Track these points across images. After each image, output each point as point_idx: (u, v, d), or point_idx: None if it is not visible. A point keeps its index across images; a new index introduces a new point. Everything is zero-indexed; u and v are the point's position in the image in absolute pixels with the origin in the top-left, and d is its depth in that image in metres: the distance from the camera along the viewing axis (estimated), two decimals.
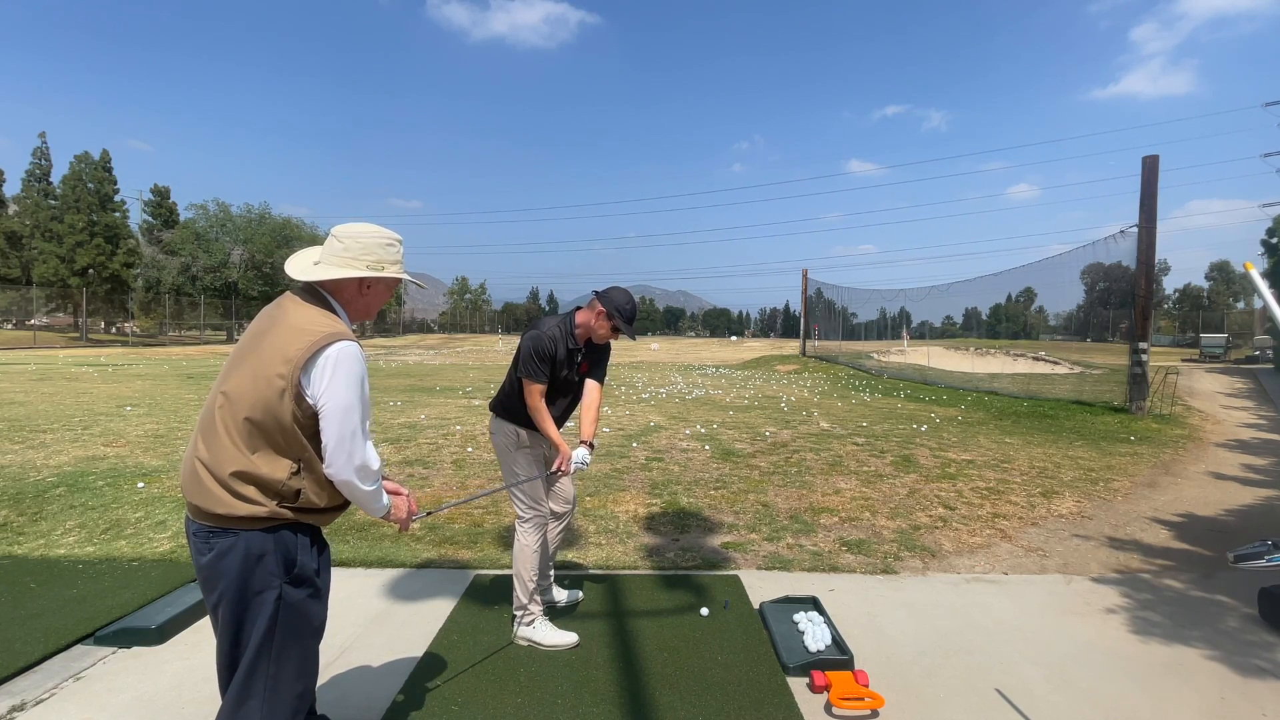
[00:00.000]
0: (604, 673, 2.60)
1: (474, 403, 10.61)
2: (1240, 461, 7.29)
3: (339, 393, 1.58)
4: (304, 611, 1.68)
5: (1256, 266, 2.37)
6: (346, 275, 1.70)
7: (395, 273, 1.75)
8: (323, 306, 1.69)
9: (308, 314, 1.65)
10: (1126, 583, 3.70)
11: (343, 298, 1.74)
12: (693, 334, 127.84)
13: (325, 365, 1.58)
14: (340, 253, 1.71)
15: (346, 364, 1.59)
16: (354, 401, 1.60)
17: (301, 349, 1.57)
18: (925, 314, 29.33)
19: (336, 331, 1.62)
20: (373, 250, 1.72)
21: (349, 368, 1.59)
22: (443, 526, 4.33)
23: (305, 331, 1.60)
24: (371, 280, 1.74)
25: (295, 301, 1.70)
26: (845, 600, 3.34)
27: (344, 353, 1.59)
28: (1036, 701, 2.46)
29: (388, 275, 1.75)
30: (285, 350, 1.57)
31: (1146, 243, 10.46)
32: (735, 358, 31.56)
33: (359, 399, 1.62)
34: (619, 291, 2.82)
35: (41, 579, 3.39)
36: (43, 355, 23.31)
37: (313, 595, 1.70)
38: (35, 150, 39.33)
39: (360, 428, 1.62)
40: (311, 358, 1.58)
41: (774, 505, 4.94)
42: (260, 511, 1.58)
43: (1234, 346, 29.02)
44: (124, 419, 8.12)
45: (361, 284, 1.75)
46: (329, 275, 1.69)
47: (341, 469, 1.62)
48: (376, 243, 1.73)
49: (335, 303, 1.73)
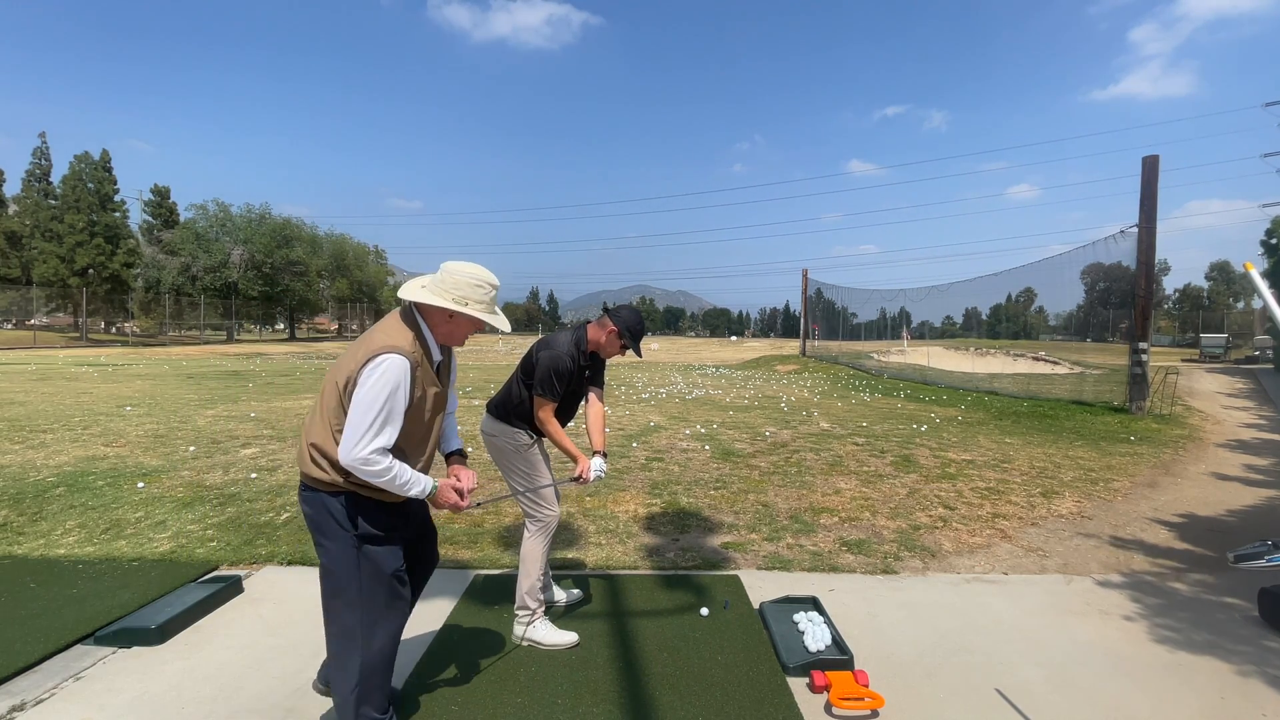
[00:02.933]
0: (604, 673, 2.60)
1: (474, 402, 10.61)
2: (1240, 462, 7.29)
3: (367, 392, 1.81)
4: (373, 559, 1.96)
5: (1256, 266, 2.37)
6: (432, 303, 1.95)
7: (475, 311, 1.98)
8: (411, 325, 1.97)
9: (390, 327, 1.96)
10: (1127, 583, 3.70)
11: (430, 321, 2.01)
12: (693, 334, 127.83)
13: (372, 369, 1.83)
14: (437, 284, 1.98)
15: (387, 373, 1.83)
16: (376, 403, 1.80)
17: (365, 353, 1.86)
18: (925, 314, 29.32)
19: (396, 345, 1.87)
20: (461, 287, 1.96)
21: (387, 376, 1.82)
22: (443, 526, 4.33)
23: (376, 341, 1.89)
24: (454, 312, 1.96)
25: (393, 316, 2.02)
26: (845, 600, 3.34)
27: (390, 363, 1.84)
28: (1036, 701, 2.46)
29: (467, 312, 1.97)
30: (358, 352, 1.88)
31: (1146, 243, 10.46)
32: (735, 358, 31.56)
33: (383, 403, 1.81)
34: (629, 311, 2.90)
35: (41, 579, 3.39)
36: (43, 355, 23.31)
37: (379, 546, 1.96)
38: (35, 150, 39.34)
39: (373, 427, 1.80)
40: (368, 361, 1.84)
41: (774, 505, 4.94)
42: (327, 478, 1.91)
43: (1234, 346, 29.02)
44: (124, 419, 8.12)
45: (447, 313, 1.98)
46: (418, 299, 1.96)
47: (345, 453, 1.81)
48: (467, 281, 1.97)
49: (424, 324, 2.00)
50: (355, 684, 1.94)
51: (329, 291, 54.00)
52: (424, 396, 1.97)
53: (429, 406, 2.02)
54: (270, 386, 12.95)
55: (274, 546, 3.96)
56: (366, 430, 1.80)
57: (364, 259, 58.76)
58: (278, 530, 4.24)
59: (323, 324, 70.69)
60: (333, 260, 52.24)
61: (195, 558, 3.77)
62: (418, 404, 1.94)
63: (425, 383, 1.97)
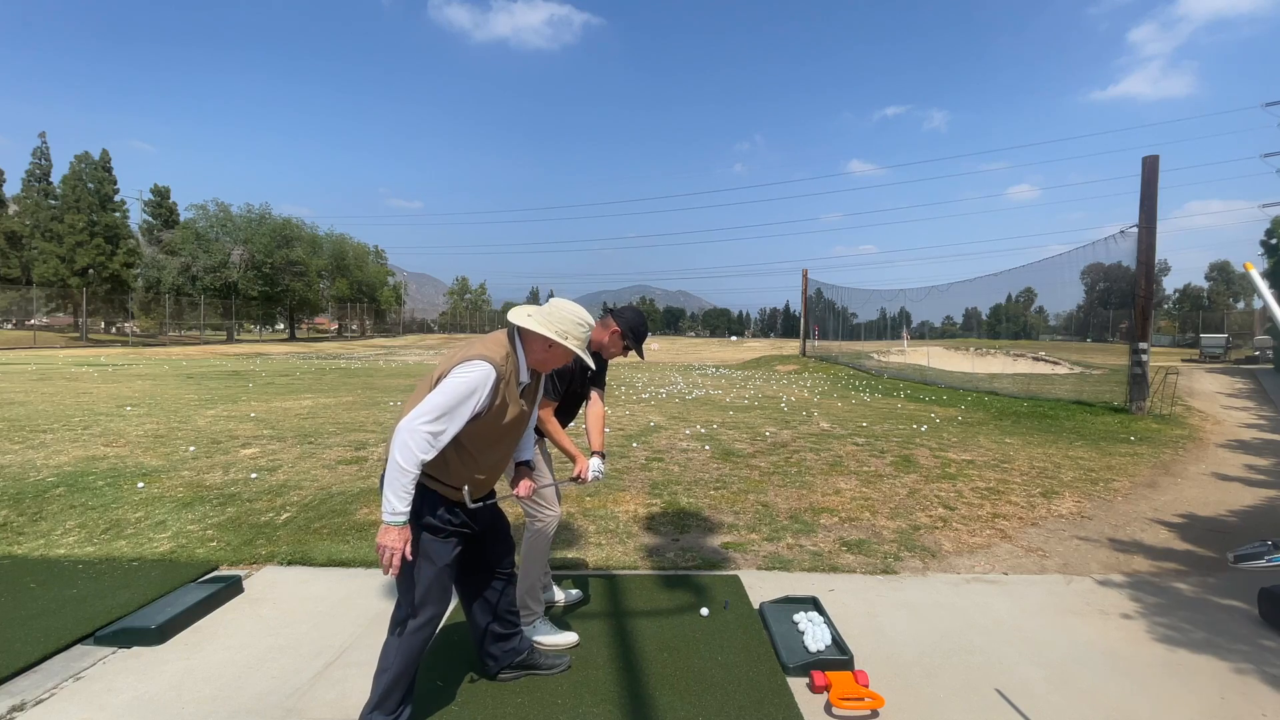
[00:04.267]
0: (604, 673, 2.60)
1: None
2: (1241, 462, 7.29)
3: (448, 384, 1.99)
4: (426, 547, 2.12)
5: (1256, 266, 2.37)
6: (536, 330, 2.14)
7: (572, 345, 2.17)
8: (510, 343, 2.17)
9: (491, 341, 2.15)
10: (1127, 583, 3.70)
11: (529, 346, 2.20)
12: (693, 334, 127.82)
13: (463, 369, 2.02)
14: (544, 315, 2.18)
15: (471, 375, 2.00)
16: (450, 395, 1.97)
17: (463, 356, 2.06)
18: (925, 314, 29.34)
19: (490, 357, 2.06)
20: (565, 323, 2.16)
21: (471, 378, 2.00)
22: None
23: (475, 349, 2.09)
24: (554, 342, 2.15)
25: (498, 333, 2.22)
26: (845, 600, 3.34)
27: (479, 369, 2.02)
28: (1036, 701, 2.46)
29: (566, 344, 2.16)
30: (458, 355, 2.08)
31: (1146, 243, 10.46)
32: (735, 358, 31.56)
33: (457, 398, 1.97)
34: (632, 312, 2.88)
35: (41, 579, 3.39)
36: (43, 355, 23.32)
37: (435, 537, 2.13)
38: (35, 150, 39.36)
39: (437, 411, 1.95)
40: (463, 362, 2.04)
41: (774, 505, 4.94)
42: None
43: (1234, 347, 29.03)
44: (124, 419, 8.12)
45: (547, 342, 2.16)
46: (523, 324, 2.16)
47: (405, 421, 1.95)
48: (571, 319, 2.18)
49: (521, 346, 2.19)
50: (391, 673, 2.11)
51: (329, 291, 54.03)
52: (502, 408, 2.12)
53: (506, 420, 2.15)
54: (270, 386, 12.95)
55: (274, 546, 3.96)
56: (431, 411, 1.95)
57: (364, 259, 58.79)
58: (278, 530, 4.24)
59: (323, 324, 70.71)
60: (333, 260, 52.25)
61: (195, 558, 3.77)
62: (495, 413, 2.10)
63: (507, 397, 2.13)
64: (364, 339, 51.77)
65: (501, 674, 2.51)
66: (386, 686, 2.11)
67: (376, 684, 2.13)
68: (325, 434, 7.30)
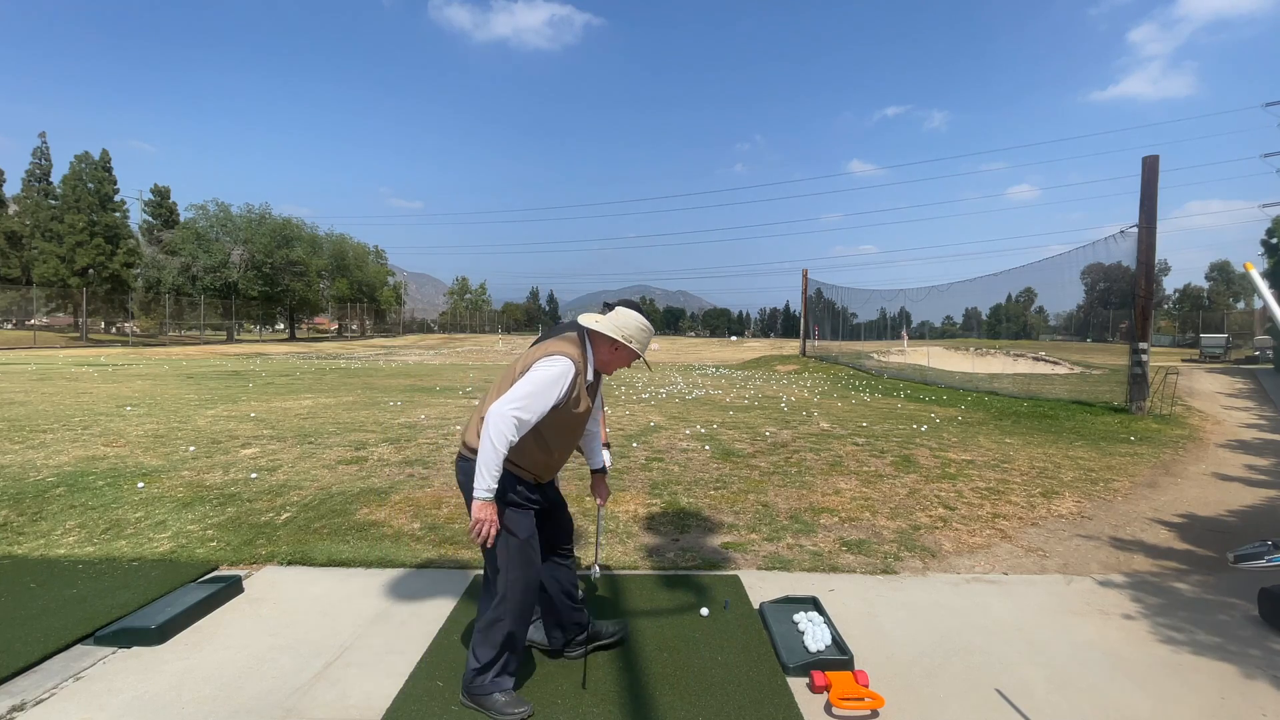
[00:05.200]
0: (604, 673, 2.60)
1: (474, 402, 10.61)
2: (1241, 462, 7.29)
3: (535, 374, 2.25)
4: (509, 523, 2.32)
5: (1256, 266, 2.37)
6: (605, 333, 2.38)
7: (635, 348, 2.41)
8: (581, 344, 2.42)
9: (567, 340, 2.39)
10: (1127, 583, 3.70)
11: (596, 347, 2.44)
12: (693, 334, 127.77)
13: (547, 362, 2.27)
14: (610, 320, 2.41)
15: (554, 367, 2.26)
16: (537, 384, 2.22)
17: (544, 352, 2.31)
18: (925, 314, 29.31)
19: (569, 353, 2.31)
20: (630, 328, 2.40)
21: (554, 370, 2.25)
22: (443, 526, 4.33)
23: (555, 346, 2.33)
24: (620, 344, 2.38)
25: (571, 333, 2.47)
26: (845, 600, 3.34)
27: (561, 363, 2.27)
28: (1036, 701, 2.46)
29: (630, 346, 2.40)
30: (539, 351, 2.33)
31: (1146, 243, 10.46)
32: (735, 358, 31.56)
33: (543, 386, 2.22)
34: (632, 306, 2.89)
35: (41, 579, 3.39)
36: (43, 355, 23.32)
37: (515, 510, 2.34)
38: (35, 150, 39.38)
39: (525, 399, 2.19)
40: (545, 356, 2.29)
41: (774, 505, 4.94)
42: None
43: (1234, 347, 29.03)
44: (124, 419, 8.12)
45: (613, 344, 2.40)
46: (593, 327, 2.40)
47: (496, 405, 2.19)
48: (635, 325, 2.41)
49: (590, 346, 2.44)
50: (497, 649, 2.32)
51: (329, 291, 54.02)
52: (576, 400, 2.36)
53: (578, 410, 2.40)
54: (270, 386, 12.95)
55: (274, 546, 3.96)
56: (520, 398, 2.19)
57: (364, 259, 58.78)
58: (278, 530, 4.24)
59: (323, 324, 70.71)
60: (333, 260, 52.24)
61: (195, 558, 3.77)
62: (570, 404, 2.34)
63: (580, 390, 2.36)
64: (364, 339, 51.76)
65: (568, 650, 2.69)
66: (499, 644, 2.31)
67: (482, 646, 2.32)
68: (325, 434, 7.30)
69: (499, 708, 2.29)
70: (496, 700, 2.31)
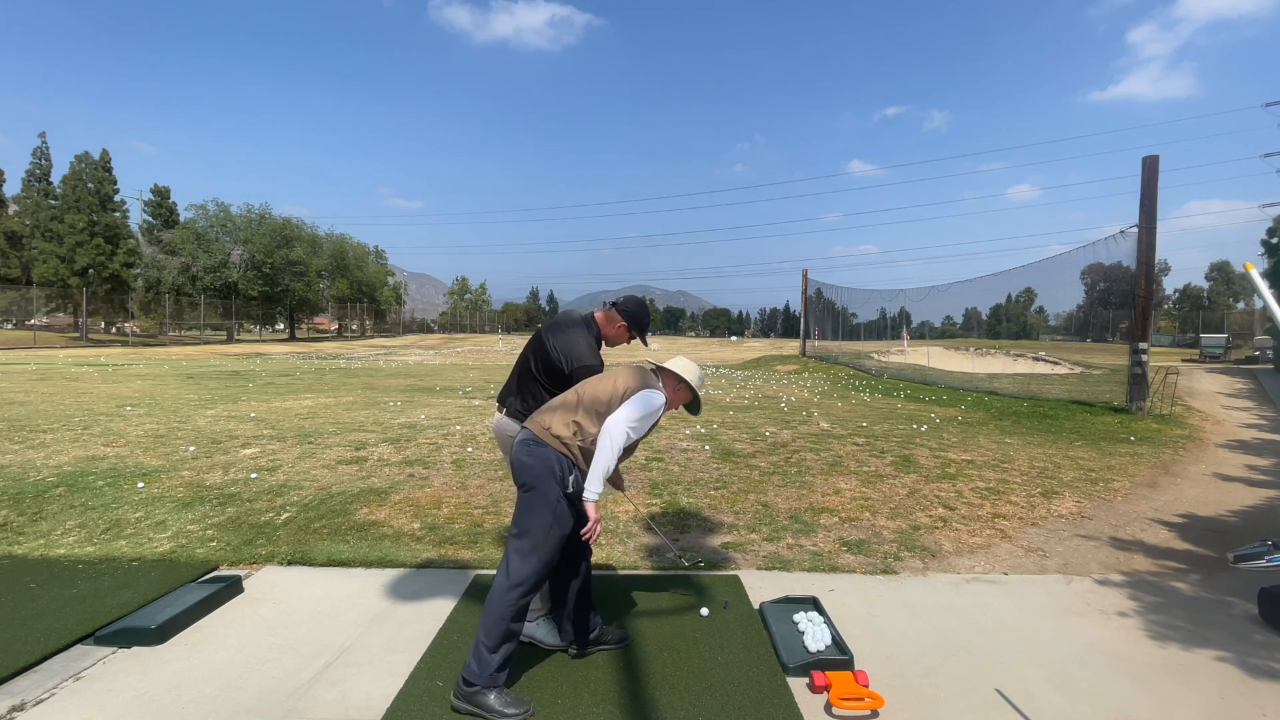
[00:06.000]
0: (604, 673, 2.60)
1: (474, 403, 10.61)
2: (1241, 462, 7.29)
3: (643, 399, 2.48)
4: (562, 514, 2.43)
5: (1256, 266, 2.37)
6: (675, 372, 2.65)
7: (692, 384, 2.68)
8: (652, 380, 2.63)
9: (649, 374, 2.64)
10: (1127, 583, 3.70)
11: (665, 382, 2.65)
12: (693, 334, 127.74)
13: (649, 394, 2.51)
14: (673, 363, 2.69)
15: (657, 400, 2.52)
16: (646, 409, 2.47)
17: (645, 383, 2.55)
18: (925, 314, 29.33)
19: (661, 389, 2.58)
20: (688, 370, 2.68)
21: (656, 401, 2.51)
22: (443, 526, 4.33)
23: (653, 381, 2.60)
24: (681, 384, 2.65)
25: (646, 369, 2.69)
26: (845, 600, 3.34)
27: (659, 396, 2.54)
28: (1036, 702, 2.46)
29: (692, 384, 2.68)
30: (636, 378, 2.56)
31: (1146, 243, 10.46)
32: (735, 358, 31.58)
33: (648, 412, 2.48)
34: (634, 302, 2.94)
35: (41, 579, 3.39)
36: (43, 355, 23.32)
37: (571, 507, 2.44)
38: (35, 150, 39.38)
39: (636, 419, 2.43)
40: (649, 388, 2.53)
41: (774, 505, 4.94)
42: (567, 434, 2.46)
43: (1234, 347, 29.03)
44: (124, 419, 8.12)
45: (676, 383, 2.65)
46: (667, 366, 2.67)
47: (614, 418, 2.41)
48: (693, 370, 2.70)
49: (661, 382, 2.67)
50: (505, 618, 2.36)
51: (329, 291, 54.03)
52: (655, 428, 2.60)
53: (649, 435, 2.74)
54: (270, 386, 12.95)
55: (274, 546, 3.96)
56: (635, 419, 2.43)
57: (364, 259, 58.78)
58: (278, 530, 4.24)
59: (323, 324, 70.69)
60: (333, 260, 52.24)
61: (195, 558, 3.77)
62: (651, 430, 2.57)
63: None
64: (364, 339, 51.76)
65: (573, 647, 2.73)
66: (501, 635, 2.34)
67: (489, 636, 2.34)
68: (325, 434, 7.30)
69: (498, 707, 2.27)
70: (491, 701, 2.28)
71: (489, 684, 2.30)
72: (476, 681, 2.30)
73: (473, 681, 2.31)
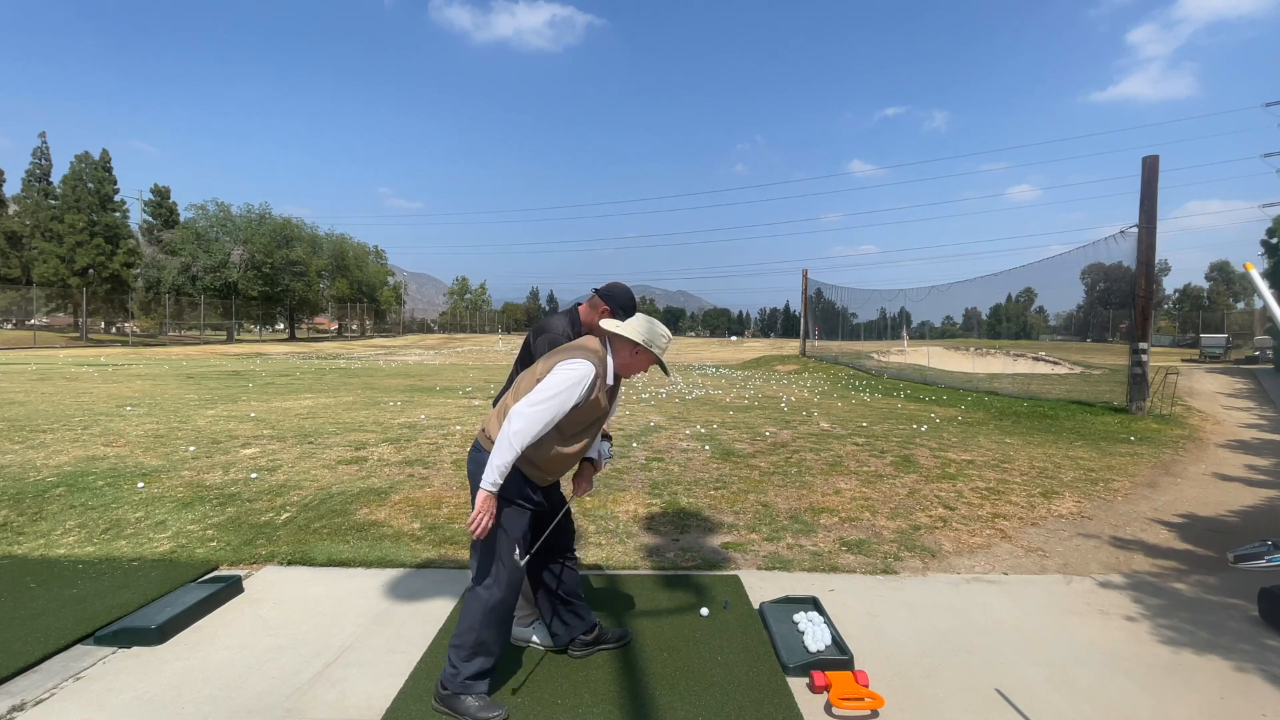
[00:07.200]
0: (604, 673, 2.60)
1: (474, 403, 10.61)
2: (1241, 462, 7.29)
3: (555, 376, 2.28)
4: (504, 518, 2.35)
5: (1256, 266, 2.37)
6: (625, 335, 2.41)
7: (656, 352, 2.46)
8: (602, 348, 2.43)
9: (589, 343, 2.43)
10: (1127, 583, 3.70)
11: (616, 351, 2.46)
12: (693, 334, 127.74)
13: (567, 365, 2.29)
14: (630, 325, 2.45)
15: (574, 371, 2.28)
16: (558, 386, 2.25)
17: (566, 355, 2.34)
18: (925, 314, 29.31)
19: (589, 356, 2.33)
20: (649, 333, 2.44)
21: (574, 373, 2.28)
22: (443, 526, 4.33)
23: (576, 349, 2.37)
24: (639, 348, 2.42)
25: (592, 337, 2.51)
26: (845, 600, 3.34)
27: (579, 365, 2.29)
28: (1036, 702, 2.46)
29: (650, 349, 2.44)
30: (560, 355, 2.36)
31: (1146, 243, 10.46)
32: (735, 358, 31.57)
33: (561, 392, 2.25)
34: (619, 288, 2.85)
35: (41, 579, 3.39)
36: (43, 355, 23.32)
37: (512, 508, 2.36)
38: (35, 150, 39.35)
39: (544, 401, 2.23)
40: (567, 359, 2.32)
41: (774, 505, 4.94)
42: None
43: (1234, 347, 29.03)
44: (124, 419, 8.12)
45: (633, 348, 2.43)
46: (614, 330, 2.43)
47: (516, 405, 2.26)
48: (656, 331, 2.47)
49: (610, 350, 2.46)
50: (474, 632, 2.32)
51: (329, 291, 54.00)
52: (595, 403, 2.37)
53: (595, 413, 2.42)
54: (270, 386, 12.95)
55: (274, 546, 3.96)
56: (541, 400, 2.24)
57: (364, 259, 58.75)
58: (278, 530, 4.24)
59: (323, 324, 70.69)
60: (333, 260, 52.22)
61: (195, 558, 3.77)
62: (588, 406, 2.36)
63: (599, 393, 2.37)
64: (364, 339, 51.75)
65: (571, 648, 2.72)
66: (472, 645, 2.32)
67: (460, 644, 2.32)
68: (325, 434, 7.30)
69: (472, 712, 2.27)
70: (469, 704, 2.28)
71: (462, 690, 2.30)
72: (450, 686, 2.31)
73: (448, 686, 2.32)
